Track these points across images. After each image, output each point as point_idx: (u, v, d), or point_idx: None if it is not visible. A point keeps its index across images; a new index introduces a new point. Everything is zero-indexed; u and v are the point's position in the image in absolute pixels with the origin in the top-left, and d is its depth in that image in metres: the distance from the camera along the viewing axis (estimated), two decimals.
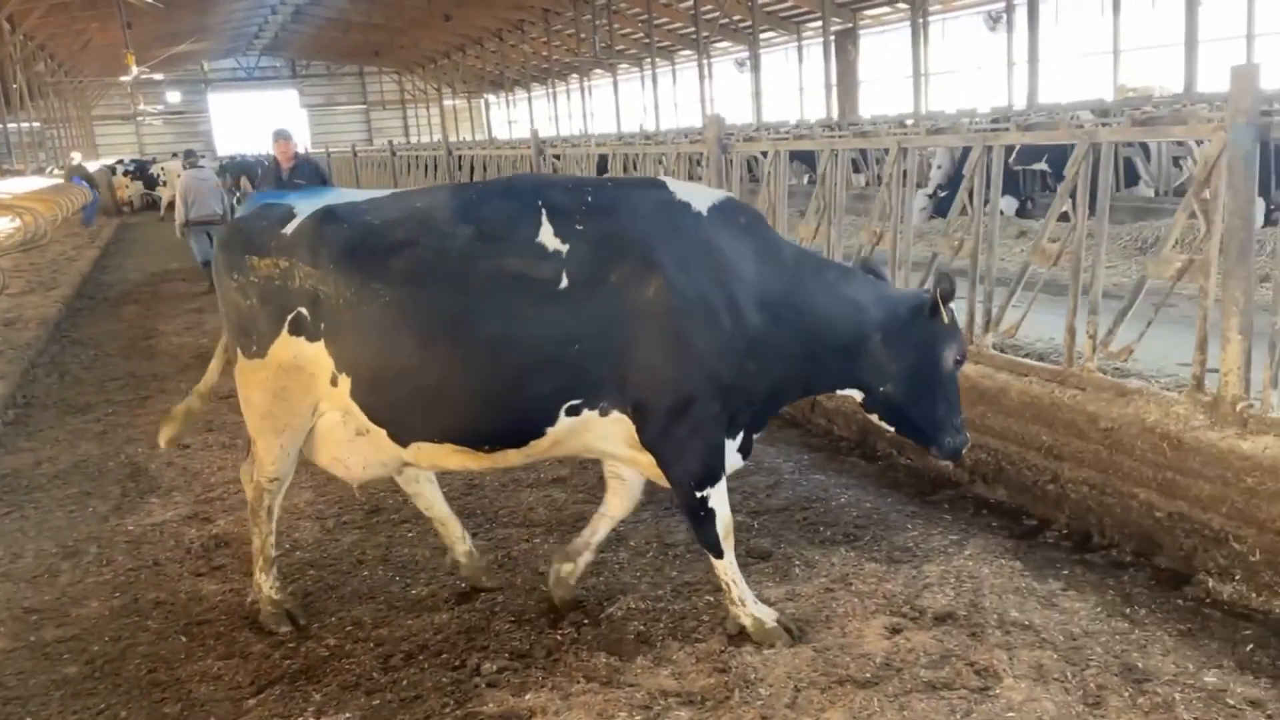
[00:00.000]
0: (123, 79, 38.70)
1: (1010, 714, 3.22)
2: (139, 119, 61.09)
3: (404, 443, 3.86)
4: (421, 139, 64.46)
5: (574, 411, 3.71)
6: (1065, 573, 4.29)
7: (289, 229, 3.88)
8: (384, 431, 3.86)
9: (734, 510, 5.06)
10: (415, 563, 4.77)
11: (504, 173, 12.56)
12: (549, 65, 51.98)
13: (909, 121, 18.71)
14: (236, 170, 30.19)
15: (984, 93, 27.84)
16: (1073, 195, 4.83)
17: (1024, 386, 4.90)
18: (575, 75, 52.61)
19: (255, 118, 67.38)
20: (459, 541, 4.49)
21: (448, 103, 68.80)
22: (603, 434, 3.80)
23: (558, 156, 11.29)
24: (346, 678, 3.77)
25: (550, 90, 56.52)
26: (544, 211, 3.70)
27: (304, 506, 5.59)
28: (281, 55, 71.62)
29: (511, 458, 3.92)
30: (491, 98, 67.85)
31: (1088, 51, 26.86)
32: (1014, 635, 3.70)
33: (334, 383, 3.85)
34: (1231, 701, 3.24)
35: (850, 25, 34.90)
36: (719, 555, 3.88)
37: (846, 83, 35.25)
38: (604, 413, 3.73)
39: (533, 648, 3.90)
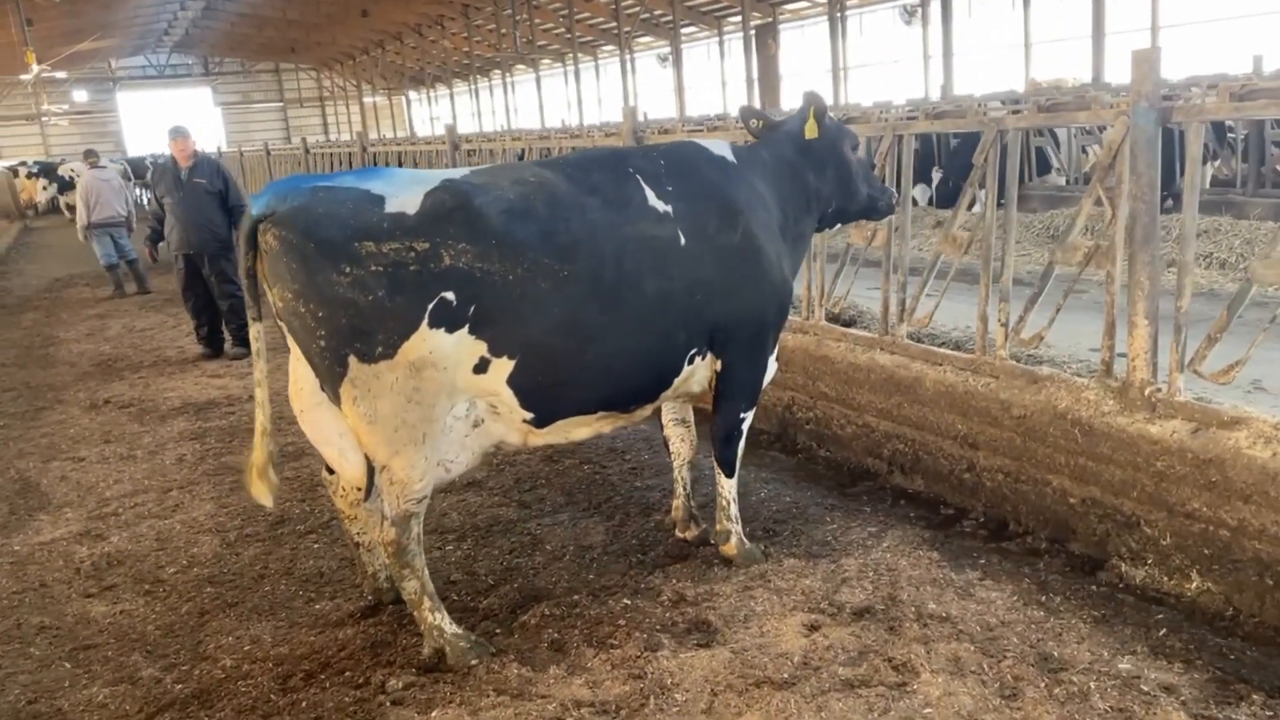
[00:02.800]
0: (23, 77, 37.16)
1: (928, 710, 3.17)
2: (44, 119, 58.82)
3: (547, 422, 3.83)
4: (341, 136, 63.23)
5: (691, 359, 4.09)
6: (982, 562, 4.27)
7: (404, 207, 3.42)
8: (525, 415, 3.74)
9: (653, 510, 5.02)
10: (320, 575, 4.57)
11: (419, 165, 12.28)
12: (470, 61, 51.36)
13: None
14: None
15: (901, 86, 28.24)
16: (982, 184, 4.82)
17: (939, 376, 4.88)
18: (497, 71, 52.08)
19: (167, 117, 65.41)
20: (380, 570, 4.22)
21: (368, 100, 67.55)
22: (699, 377, 4.21)
23: (472, 152, 11.06)
24: (242, 701, 3.57)
25: (472, 86, 55.91)
26: (639, 178, 3.93)
27: (204, 519, 5.34)
28: (193, 52, 69.59)
29: (643, 413, 4.22)
30: (413, 94, 66.86)
31: (999, 45, 27.42)
32: (931, 628, 3.66)
33: (481, 370, 3.57)
34: (1145, 688, 3.23)
35: (770, 20, 35.13)
36: (732, 474, 4.42)
37: (768, 77, 35.47)
38: (703, 355, 4.13)
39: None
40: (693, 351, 4.06)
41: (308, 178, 3.62)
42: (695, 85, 39.25)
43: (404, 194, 3.48)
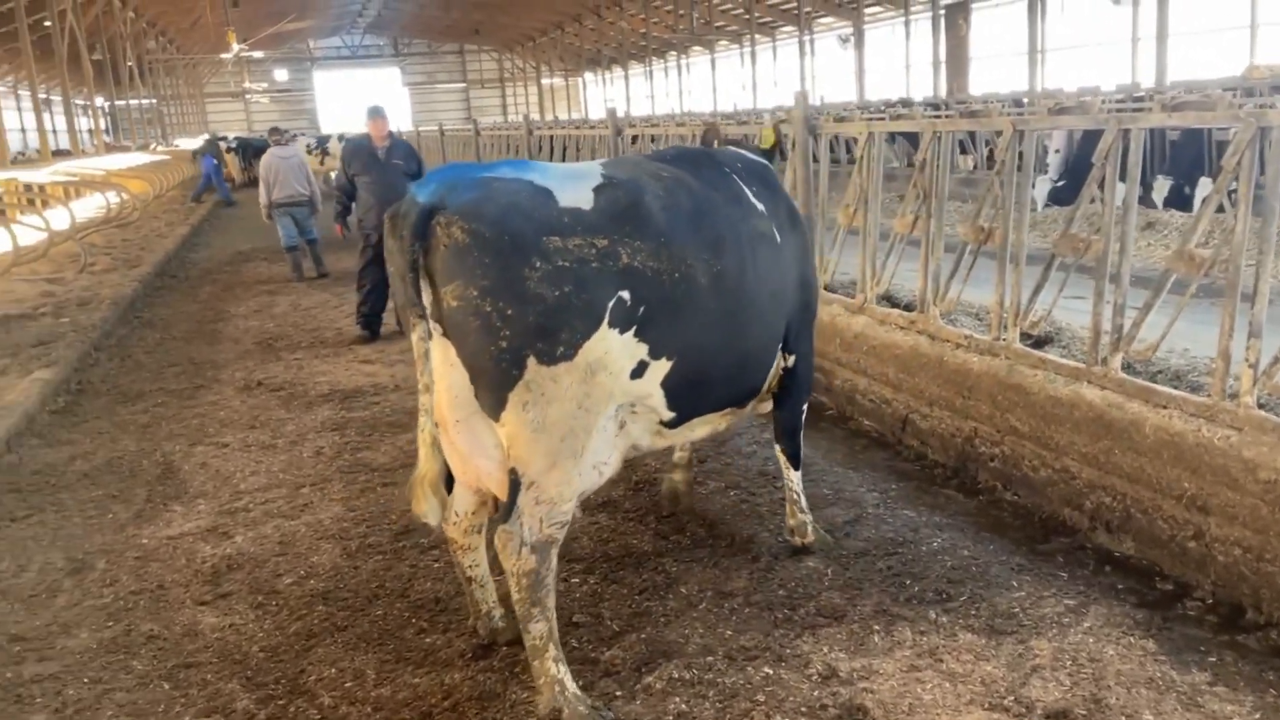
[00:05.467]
0: (224, 56, 39.44)
1: None
2: (247, 96, 62.60)
3: (682, 422, 3.75)
4: (519, 117, 64.48)
5: (780, 352, 4.18)
6: (1212, 659, 3.47)
7: (577, 202, 3.28)
8: (666, 416, 3.62)
9: (805, 554, 4.42)
10: (436, 601, 4.19)
11: (584, 154, 11.95)
12: (646, 43, 51.19)
13: (1025, 100, 17.42)
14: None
15: (1104, 70, 26.07)
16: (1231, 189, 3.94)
17: (1162, 421, 4.05)
18: (673, 53, 51.74)
19: (359, 96, 68.56)
20: (494, 608, 3.83)
21: (546, 81, 68.70)
22: (775, 371, 4.22)
23: (635, 138, 10.62)
24: None
25: (647, 68, 55.80)
26: (734, 176, 4.02)
27: (329, 523, 5.09)
28: (385, 34, 72.54)
29: (751, 409, 4.28)
30: (589, 76, 67.44)
31: (1220, 27, 24.87)
32: None
33: (638, 374, 3.40)
34: None
35: None
36: (799, 466, 4.46)
37: (956, 59, 33.63)
38: (781, 350, 4.19)
39: None
40: (779, 345, 4.16)
41: (465, 166, 3.47)
42: (876, 68, 37.72)
43: (569, 188, 3.33)
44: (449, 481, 3.58)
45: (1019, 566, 4.20)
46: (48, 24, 26.78)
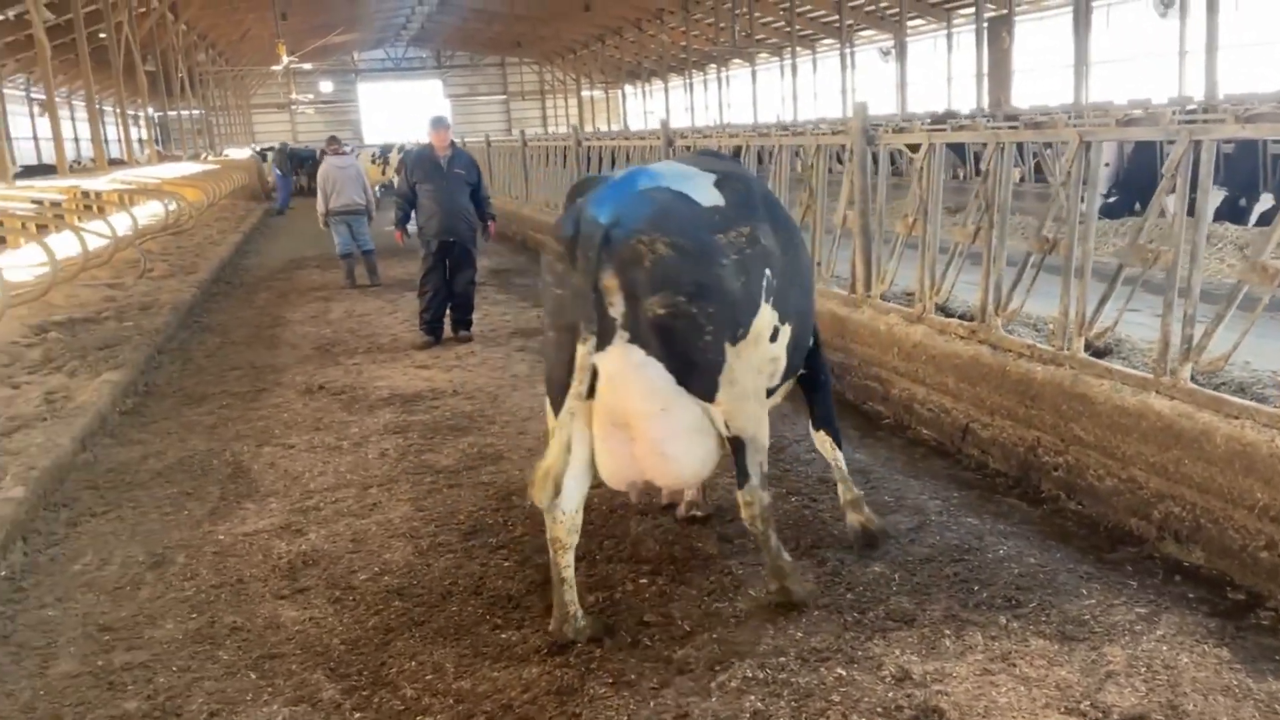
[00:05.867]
0: (274, 68, 40.12)
1: None
2: (292, 107, 63.58)
3: (779, 387, 4.27)
4: (559, 129, 64.96)
5: None
6: None
7: (713, 200, 3.78)
8: (778, 380, 4.18)
9: (872, 560, 4.46)
10: (509, 599, 4.28)
11: (631, 162, 12.07)
12: (686, 55, 51.38)
13: (1072, 113, 17.30)
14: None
15: (1151, 83, 25.80)
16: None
17: (1233, 431, 4.05)
18: (713, 65, 51.89)
19: (402, 107, 69.41)
20: (578, 610, 3.93)
21: (585, 93, 69.14)
22: None
23: (688, 148, 10.70)
24: None
25: (687, 80, 55.99)
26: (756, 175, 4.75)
27: (399, 522, 5.20)
28: (428, 46, 73.41)
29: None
30: (629, 88, 67.77)
31: (1271, 40, 24.53)
32: None
33: (774, 338, 3.96)
34: None
35: (1005, 11, 33.08)
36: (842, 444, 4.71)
37: (999, 72, 33.46)
38: None
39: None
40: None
41: (603, 180, 3.88)
42: (917, 80, 37.60)
43: (698, 189, 3.79)
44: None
45: (1087, 575, 4.21)
46: (103, 36, 27.47)
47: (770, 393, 4.12)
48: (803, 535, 4.75)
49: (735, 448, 3.84)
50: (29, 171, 25.02)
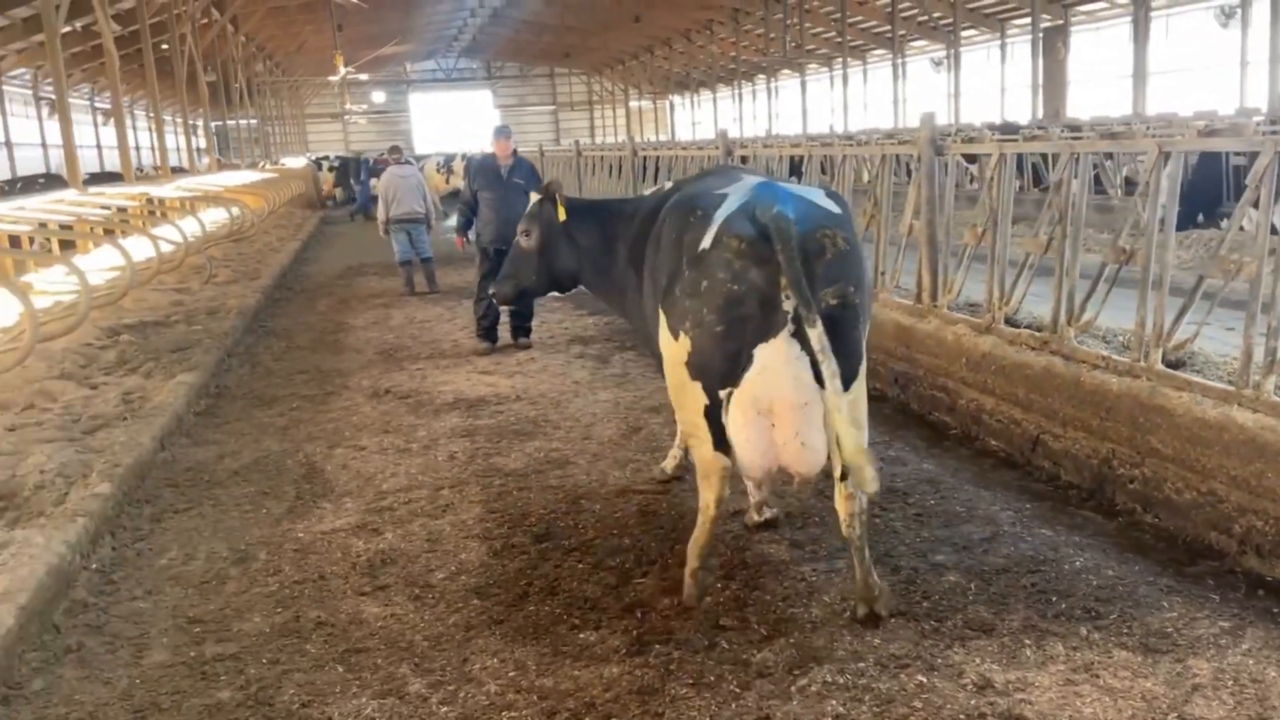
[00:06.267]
0: (331, 79, 40.82)
1: None
2: (345, 117, 64.61)
3: None
4: (606, 139, 65.30)
5: None
6: None
7: (826, 204, 4.09)
8: None
9: (946, 570, 4.46)
10: (585, 601, 4.34)
11: (690, 174, 12.12)
12: (736, 65, 51.43)
13: (1133, 123, 17.05)
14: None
15: (1211, 94, 25.34)
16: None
17: None
18: (762, 76, 51.88)
19: (452, 117, 70.25)
20: None
21: (634, 104, 69.42)
22: None
23: (745, 158, 10.75)
24: None
25: (736, 91, 56.01)
26: None
27: (472, 523, 5.29)
28: (478, 57, 74.22)
29: None
30: (676, 98, 67.95)
31: None
32: None
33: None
34: None
35: (1061, 22, 32.72)
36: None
37: (1054, 82, 33.09)
38: None
39: None
40: None
41: (758, 184, 4.21)
42: (970, 90, 37.30)
43: (819, 196, 4.13)
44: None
45: (1167, 588, 4.18)
46: (165, 47, 28.15)
47: None
48: (876, 543, 4.74)
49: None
50: (95, 178, 25.67)
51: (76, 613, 4.44)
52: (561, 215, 5.48)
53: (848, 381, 3.82)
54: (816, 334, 3.66)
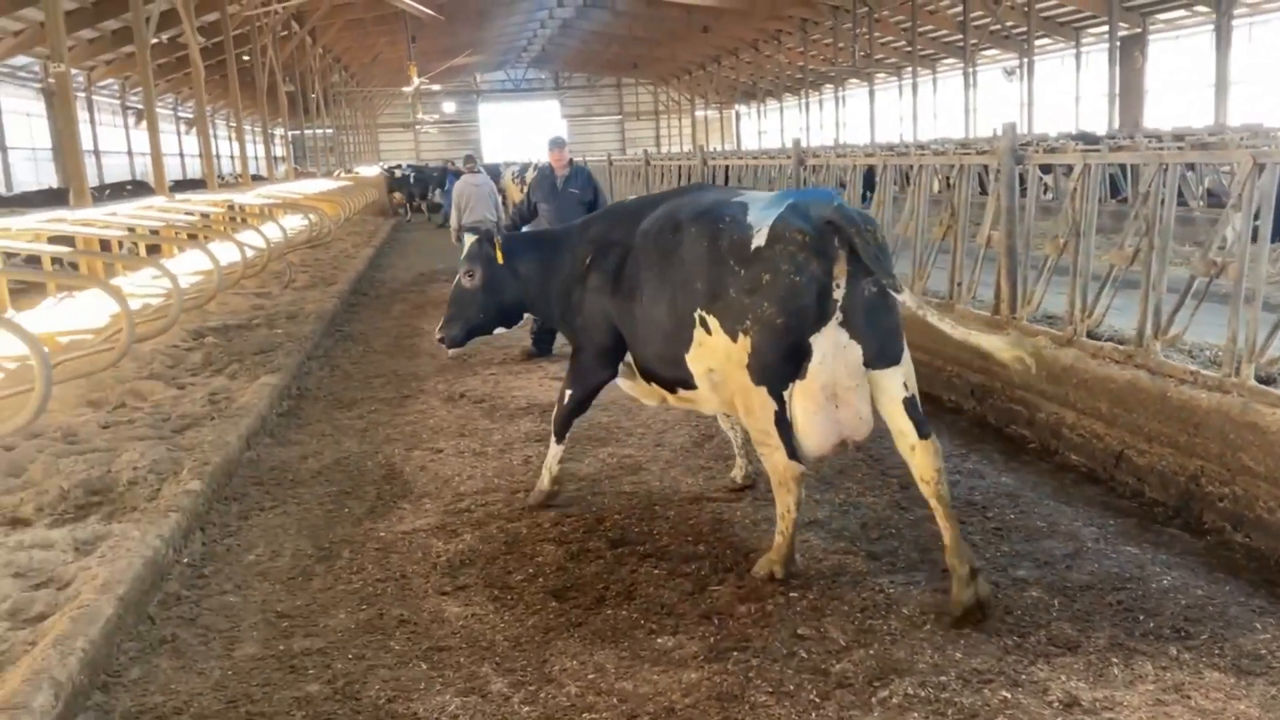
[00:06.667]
0: (405, 89, 41.60)
1: None
2: (417, 127, 65.76)
3: None
4: (672, 149, 65.44)
5: None
6: None
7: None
8: None
9: (1029, 584, 4.40)
10: (661, 606, 4.37)
11: (760, 184, 12.13)
12: (804, 75, 51.23)
13: (1217, 133, 16.59)
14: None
15: None
16: None
17: None
18: (829, 85, 51.59)
19: (520, 127, 71.04)
20: None
21: (699, 113, 69.53)
22: None
23: (818, 168, 10.71)
24: None
25: (803, 100, 55.77)
26: None
27: (548, 526, 5.36)
28: (547, 68, 75.03)
29: None
30: (742, 108, 67.89)
31: None
32: None
33: None
34: None
35: (1139, 30, 32.01)
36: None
37: (1130, 92, 32.39)
38: None
39: None
40: None
41: (782, 192, 4.71)
42: (1043, 100, 36.65)
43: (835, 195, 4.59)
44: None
45: (1260, 609, 4.07)
46: (246, 58, 29.00)
47: None
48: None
49: (911, 405, 4.28)
50: (178, 185, 26.50)
51: (170, 605, 4.60)
52: (499, 258, 5.60)
53: (897, 357, 4.31)
54: (905, 297, 4.21)
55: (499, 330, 6.02)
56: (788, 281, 4.16)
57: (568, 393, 5.54)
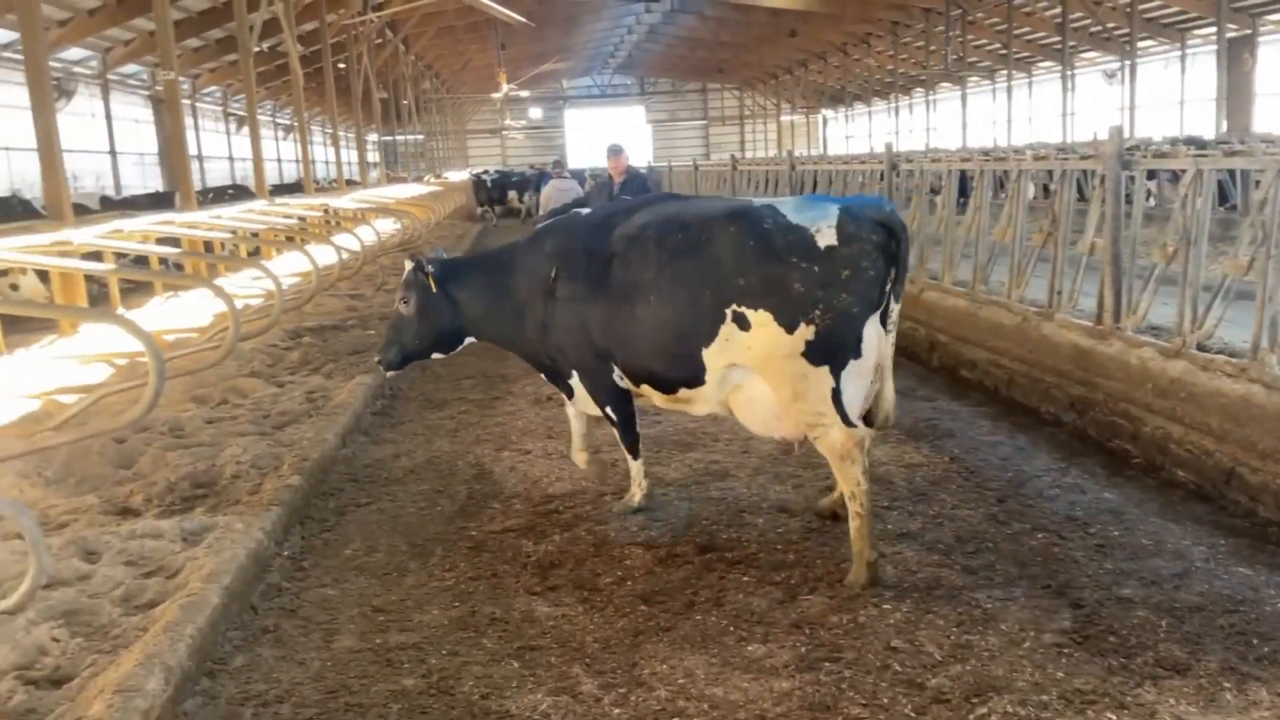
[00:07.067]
0: (494, 96, 42.26)
1: None
2: (503, 133, 66.72)
3: None
4: (756, 153, 65.16)
5: None
6: None
7: None
8: None
9: (1134, 605, 4.25)
10: (751, 613, 4.34)
11: (851, 188, 11.99)
12: (893, 79, 50.49)
13: None
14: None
15: None
16: None
17: None
18: (919, 89, 50.74)
19: (605, 132, 71.49)
20: None
21: (785, 118, 69.06)
22: None
23: (911, 172, 10.54)
24: None
25: (891, 105, 54.96)
26: None
27: (636, 530, 5.37)
28: (632, 74, 75.40)
29: None
30: (829, 112, 67.22)
31: None
32: None
33: None
34: None
35: (1249, 32, 30.75)
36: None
37: (1239, 95, 31.11)
38: None
39: None
40: None
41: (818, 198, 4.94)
42: (1145, 103, 35.45)
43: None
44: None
45: None
46: (341, 66, 29.79)
47: None
48: (1055, 573, 4.58)
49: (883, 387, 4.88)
50: (276, 189, 27.35)
51: (272, 596, 4.74)
52: (433, 286, 5.54)
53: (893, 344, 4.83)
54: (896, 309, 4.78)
55: (436, 355, 5.97)
56: (867, 276, 4.53)
57: (606, 410, 5.48)
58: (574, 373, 5.42)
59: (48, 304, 10.33)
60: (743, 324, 4.63)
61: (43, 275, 11.31)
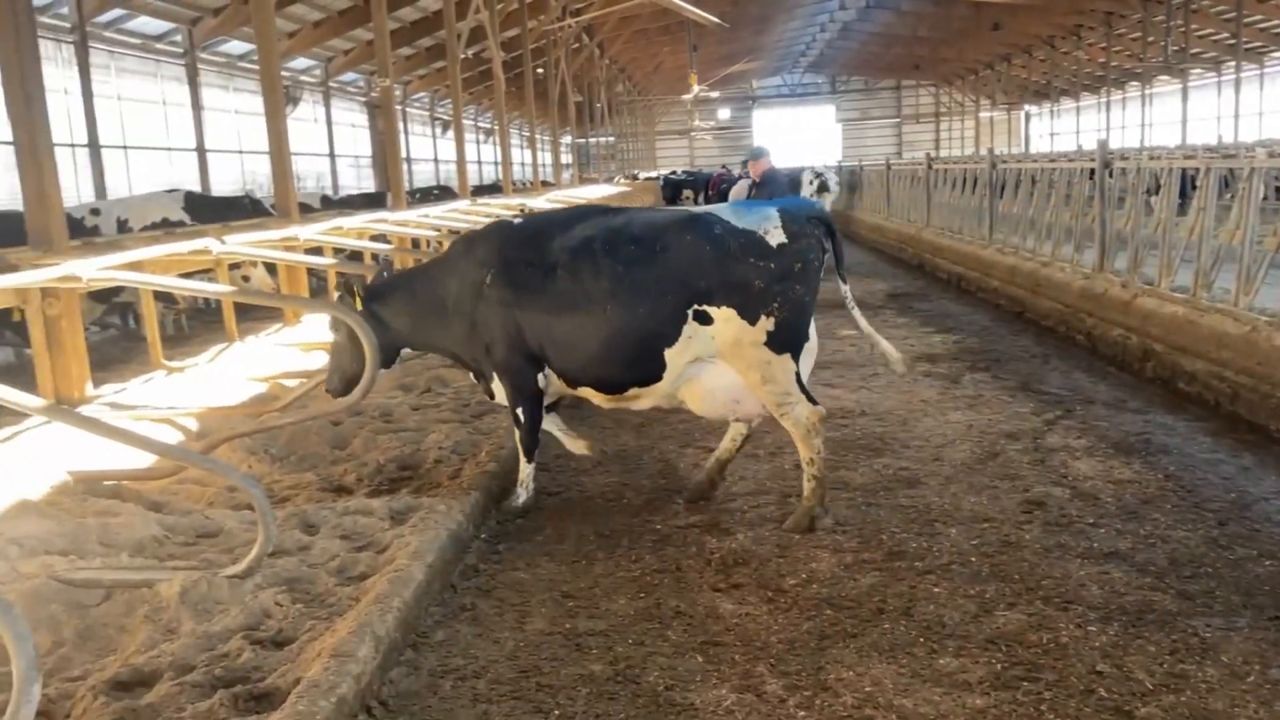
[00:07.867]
0: (684, 97, 42.65)
1: None
2: (691, 134, 67.22)
3: None
4: (952, 152, 62.91)
5: None
6: None
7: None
8: None
9: (1234, 614, 3.86)
10: (942, 625, 4.21)
11: (1058, 188, 11.39)
12: (1105, 73, 47.58)
13: None
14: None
15: None
16: None
17: None
18: (1134, 83, 47.61)
19: (794, 132, 70.89)
20: None
21: (984, 115, 66.37)
22: None
23: (1125, 170, 9.90)
24: None
25: (1102, 100, 51.81)
26: None
27: (821, 534, 5.30)
28: (823, 72, 74.37)
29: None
30: (1031, 109, 64.07)
31: None
32: None
33: None
34: None
35: None
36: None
37: None
38: None
39: None
40: None
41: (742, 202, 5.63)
42: None
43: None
44: None
45: None
46: (539, 70, 30.82)
47: None
48: (1260, 589, 4.22)
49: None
50: (476, 190, 28.61)
51: (470, 576, 4.98)
52: (358, 305, 5.69)
53: None
54: (846, 288, 5.60)
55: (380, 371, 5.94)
56: (814, 267, 5.15)
57: (518, 410, 5.66)
58: (494, 374, 5.66)
59: (276, 294, 11.20)
60: (704, 320, 5.15)
61: (269, 268, 12.26)
